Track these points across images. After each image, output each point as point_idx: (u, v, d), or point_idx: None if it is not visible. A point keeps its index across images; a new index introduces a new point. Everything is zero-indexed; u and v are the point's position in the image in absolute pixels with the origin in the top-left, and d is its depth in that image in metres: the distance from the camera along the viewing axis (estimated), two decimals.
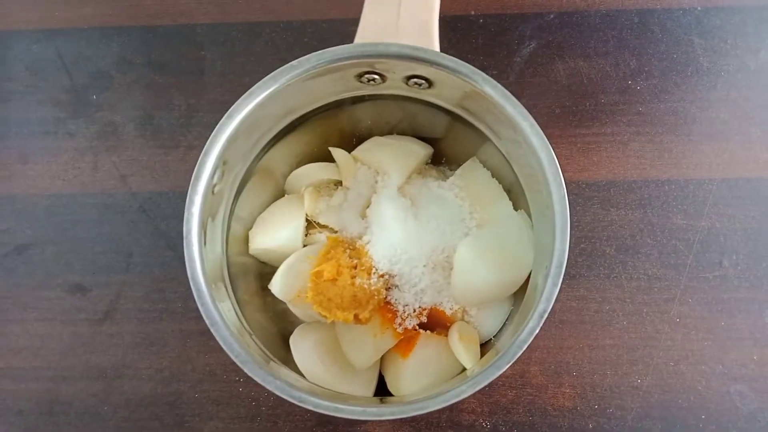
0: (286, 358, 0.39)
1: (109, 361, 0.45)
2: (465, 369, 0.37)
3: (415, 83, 0.35)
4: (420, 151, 0.42)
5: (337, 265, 0.37)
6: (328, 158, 0.43)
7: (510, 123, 0.32)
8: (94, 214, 0.47)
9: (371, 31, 0.34)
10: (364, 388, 0.39)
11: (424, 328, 0.40)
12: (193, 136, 0.48)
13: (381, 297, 0.38)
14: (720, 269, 0.45)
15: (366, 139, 0.42)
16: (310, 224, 0.42)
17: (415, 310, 0.39)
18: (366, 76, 0.35)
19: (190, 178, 0.32)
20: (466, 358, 0.37)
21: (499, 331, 0.40)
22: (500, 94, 0.32)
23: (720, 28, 0.49)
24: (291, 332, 0.40)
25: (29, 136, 0.48)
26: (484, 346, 0.40)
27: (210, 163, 0.32)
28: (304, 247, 0.40)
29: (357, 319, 0.37)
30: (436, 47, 0.34)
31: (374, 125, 0.42)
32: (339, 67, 0.33)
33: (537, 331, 0.30)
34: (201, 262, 0.32)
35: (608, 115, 0.47)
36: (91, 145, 0.48)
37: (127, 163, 0.48)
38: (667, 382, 0.44)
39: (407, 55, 0.32)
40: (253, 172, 0.38)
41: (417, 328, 0.39)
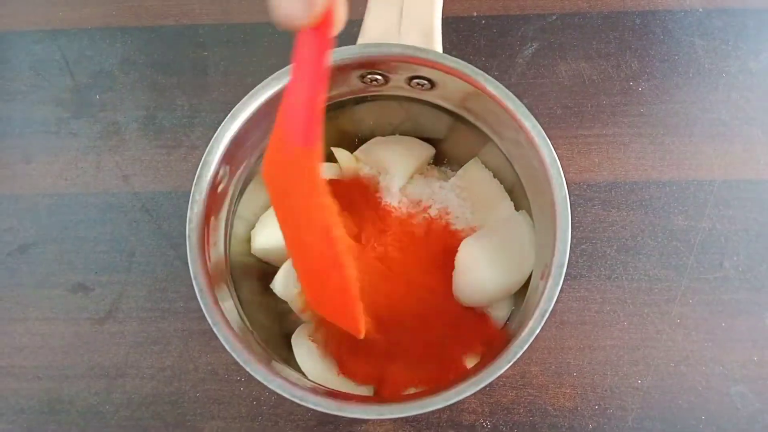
0: (288, 358, 0.39)
1: (111, 360, 0.45)
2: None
3: (418, 84, 0.35)
4: (422, 152, 0.42)
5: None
6: (331, 158, 0.43)
7: (512, 123, 0.32)
8: (97, 214, 0.47)
9: (374, 32, 0.35)
10: (366, 387, 0.39)
11: None
12: (195, 136, 0.48)
13: None
14: (721, 270, 0.45)
15: (368, 140, 0.43)
16: None
17: None
18: (369, 76, 0.35)
19: (193, 178, 0.32)
20: None
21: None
22: (502, 95, 0.32)
23: (722, 30, 0.49)
24: (293, 332, 0.40)
25: (32, 135, 0.49)
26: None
27: (213, 162, 0.32)
28: None
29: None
30: (439, 48, 0.34)
31: (376, 126, 0.43)
32: (342, 68, 0.33)
33: (538, 331, 0.30)
34: (203, 262, 0.32)
35: (610, 116, 0.48)
36: (93, 144, 0.48)
37: (130, 162, 0.48)
38: (667, 383, 0.44)
39: (410, 56, 0.32)
40: (255, 172, 0.38)
41: None
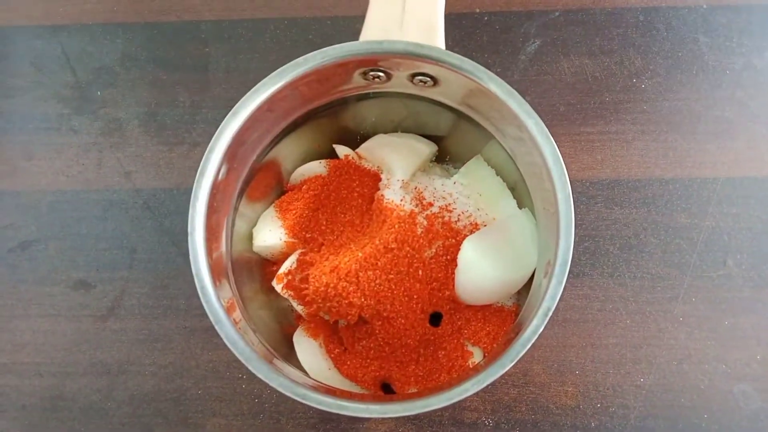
0: (290, 356, 0.39)
1: (113, 358, 0.45)
2: None
3: (420, 81, 0.35)
4: (424, 149, 0.42)
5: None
6: (333, 155, 0.43)
7: (515, 120, 0.32)
8: (98, 211, 0.47)
9: (376, 28, 0.34)
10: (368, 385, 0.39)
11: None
12: (197, 133, 0.48)
13: None
14: (724, 268, 0.45)
15: (370, 137, 0.42)
16: None
17: None
18: (371, 73, 0.35)
19: (195, 175, 0.32)
20: None
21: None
22: (505, 92, 0.32)
23: (726, 27, 0.48)
24: (294, 329, 0.40)
25: (33, 132, 0.48)
26: None
27: (215, 159, 0.32)
28: None
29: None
30: (442, 45, 0.34)
31: (378, 123, 0.42)
32: (344, 65, 0.33)
33: (541, 329, 0.30)
34: (205, 259, 0.32)
35: (613, 113, 0.47)
36: (95, 141, 0.48)
37: (131, 159, 0.48)
38: (669, 381, 0.44)
39: (412, 53, 0.32)
40: (257, 169, 0.38)
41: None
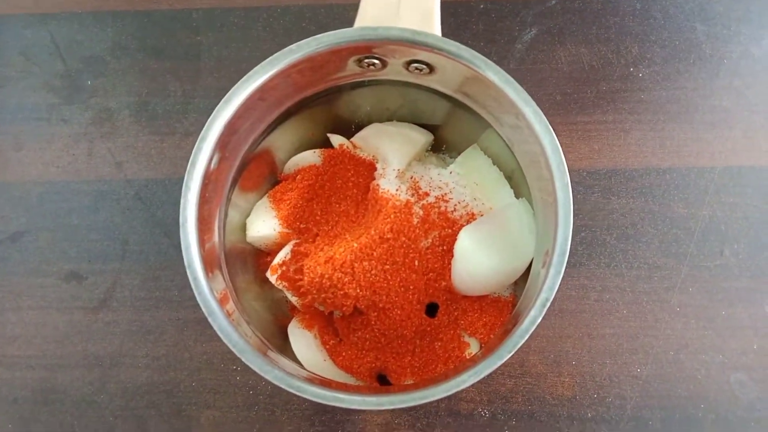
0: (284, 347, 0.38)
1: (105, 350, 0.44)
2: None
3: (416, 68, 0.35)
4: (420, 138, 0.41)
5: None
6: (327, 144, 0.42)
7: (512, 108, 0.32)
8: (89, 202, 0.46)
9: (371, 15, 0.34)
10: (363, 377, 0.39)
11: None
12: (189, 122, 0.47)
13: None
14: (721, 258, 0.45)
15: (365, 126, 0.42)
16: None
17: None
18: (366, 60, 0.34)
19: (187, 165, 0.31)
20: None
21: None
22: (502, 79, 0.31)
23: (723, 15, 0.48)
24: (288, 321, 0.40)
25: (23, 122, 0.48)
26: None
27: (207, 149, 0.31)
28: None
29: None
30: (438, 32, 0.34)
31: (374, 111, 0.42)
32: (338, 51, 0.32)
33: (539, 320, 0.30)
34: (197, 250, 0.31)
35: (610, 102, 0.47)
36: (85, 131, 0.47)
37: (123, 149, 0.47)
38: (666, 371, 0.44)
39: (408, 40, 0.31)
40: (250, 159, 0.38)
41: None
